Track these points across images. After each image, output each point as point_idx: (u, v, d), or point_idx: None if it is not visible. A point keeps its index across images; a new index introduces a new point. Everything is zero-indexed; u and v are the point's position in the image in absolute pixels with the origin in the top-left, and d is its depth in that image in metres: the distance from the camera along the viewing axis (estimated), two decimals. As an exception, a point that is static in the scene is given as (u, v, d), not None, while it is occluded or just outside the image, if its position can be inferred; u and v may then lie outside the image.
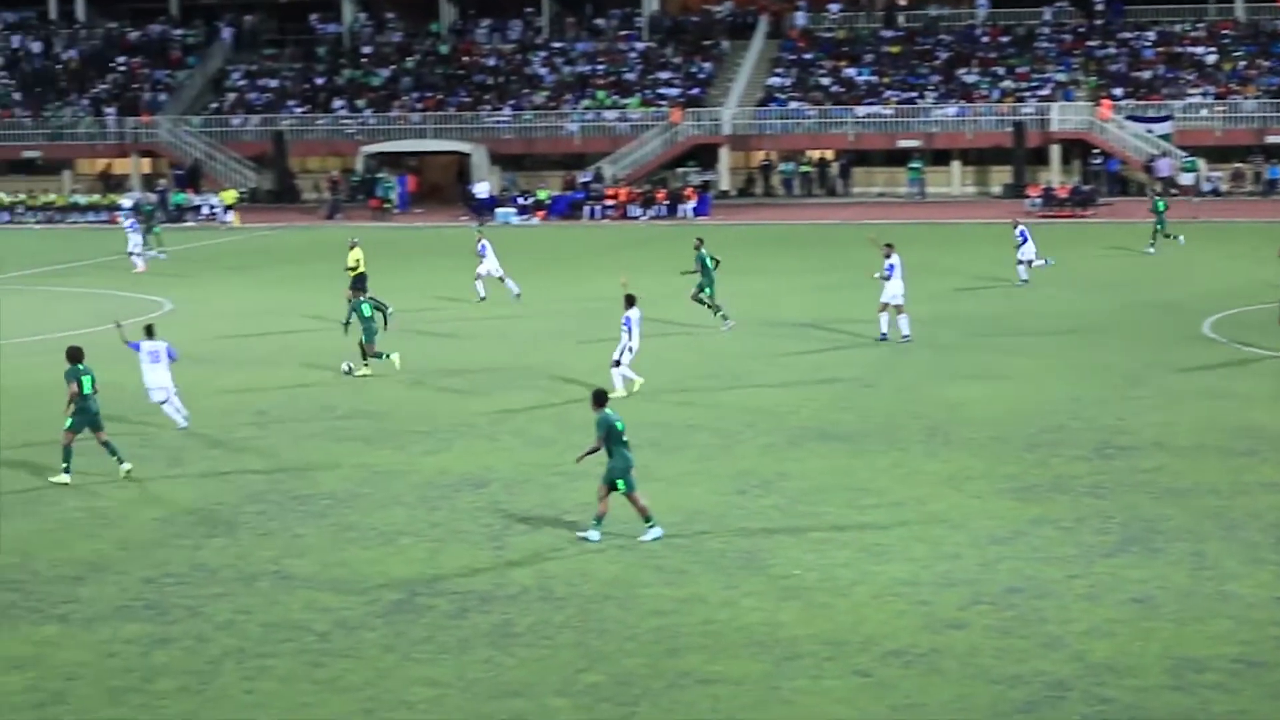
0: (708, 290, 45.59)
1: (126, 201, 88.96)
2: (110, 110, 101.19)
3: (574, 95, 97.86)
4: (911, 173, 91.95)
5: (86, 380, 29.14)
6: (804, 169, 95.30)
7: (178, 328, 47.48)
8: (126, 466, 29.59)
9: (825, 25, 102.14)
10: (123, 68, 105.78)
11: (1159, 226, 63.21)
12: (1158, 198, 67.11)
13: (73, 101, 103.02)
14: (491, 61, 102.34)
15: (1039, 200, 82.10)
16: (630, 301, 36.53)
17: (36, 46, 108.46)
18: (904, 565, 23.65)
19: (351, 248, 50.88)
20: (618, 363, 36.55)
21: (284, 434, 33.32)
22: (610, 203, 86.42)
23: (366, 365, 39.97)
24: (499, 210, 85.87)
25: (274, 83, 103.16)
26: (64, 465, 29.27)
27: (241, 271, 62.93)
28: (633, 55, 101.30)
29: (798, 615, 21.64)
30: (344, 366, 39.93)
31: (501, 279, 52.21)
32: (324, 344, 43.88)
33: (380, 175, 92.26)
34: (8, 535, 25.97)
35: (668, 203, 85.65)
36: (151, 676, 19.85)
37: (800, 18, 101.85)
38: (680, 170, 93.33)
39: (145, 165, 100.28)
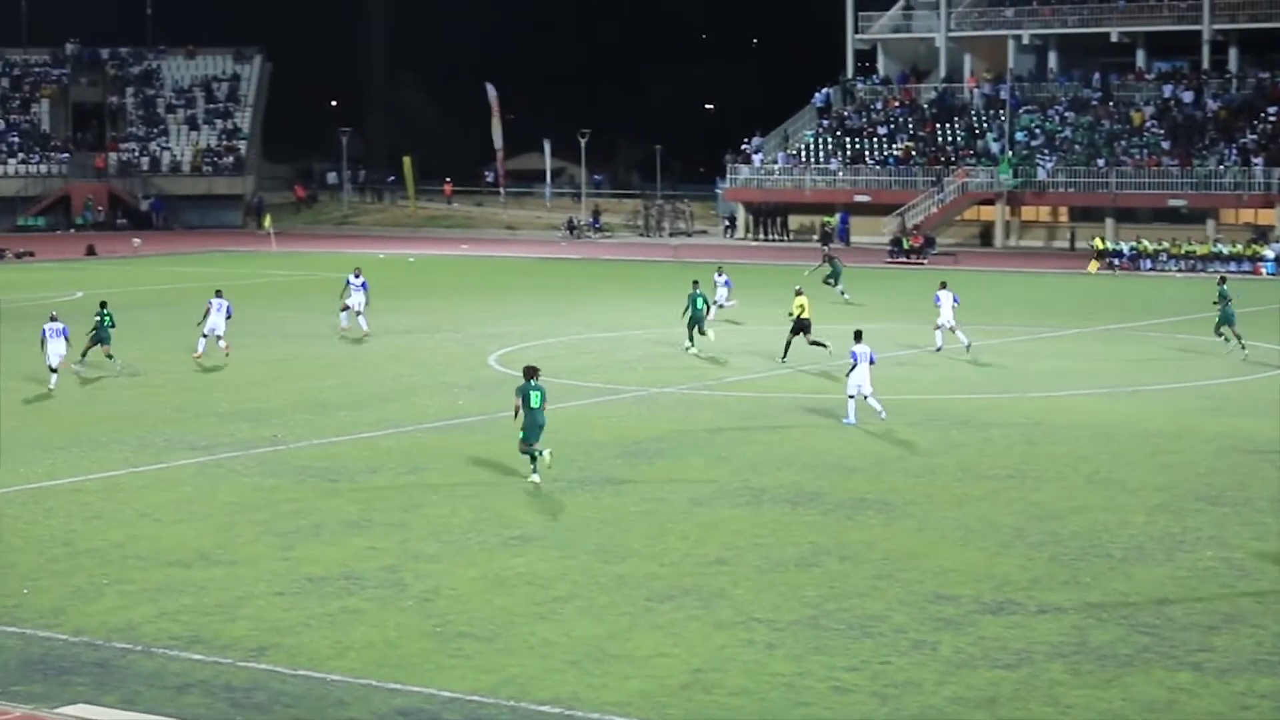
0: (1227, 324, 51.50)
1: (1269, 252, 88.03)
2: (1258, 160, 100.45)
3: None
4: None
5: (535, 395, 32.71)
6: None
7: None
8: (548, 455, 32.76)
9: None
10: (1272, 118, 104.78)
11: None
12: None
13: (1220, 151, 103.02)
14: None
15: None
16: None
17: (1187, 96, 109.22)
18: None
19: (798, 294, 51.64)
20: None
21: None
22: None
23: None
24: None
25: None
26: (533, 468, 33.01)
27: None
28: None
29: None
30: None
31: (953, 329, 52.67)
32: None
33: None
34: (1145, 580, 26.17)
35: None
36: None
37: None
38: None
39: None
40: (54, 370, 45.71)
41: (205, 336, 51.71)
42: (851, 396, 39.95)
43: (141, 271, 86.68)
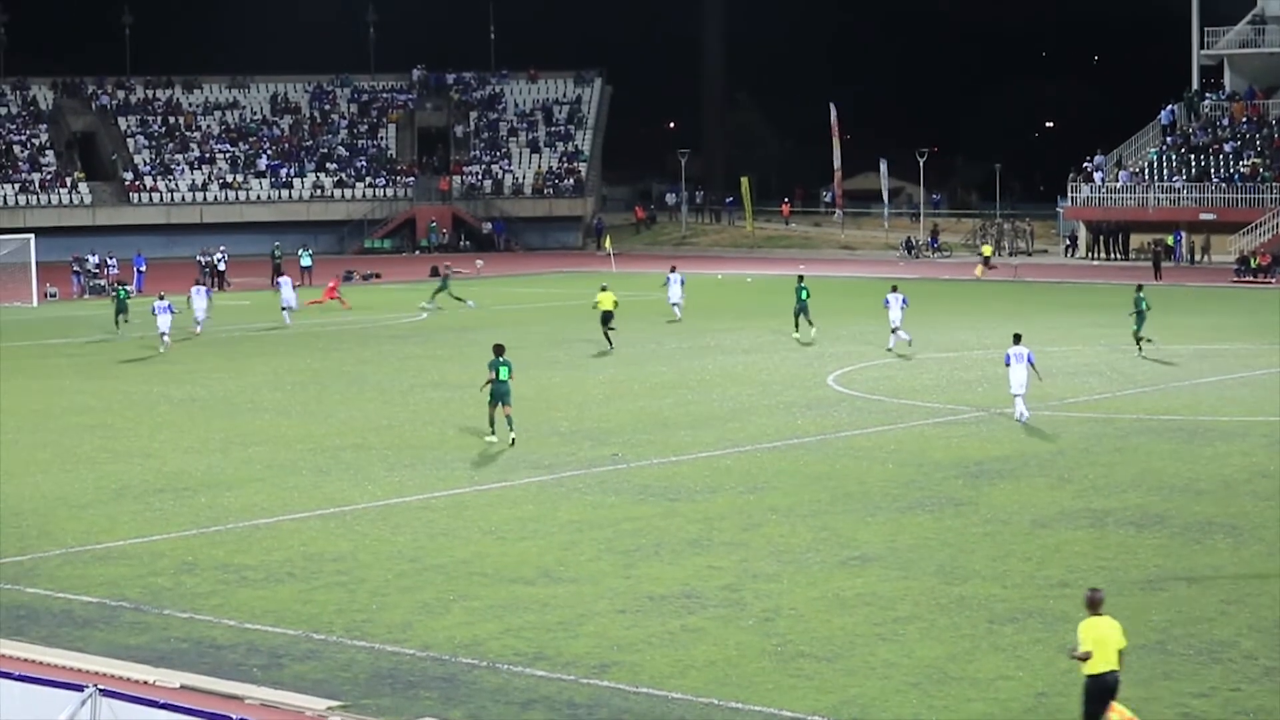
0: (1137, 328, 55.12)
1: None
2: None
3: None
4: None
5: (503, 369, 40.02)
6: None
7: None
8: (512, 436, 40.18)
9: None
10: None
11: None
12: None
13: None
14: None
15: None
16: None
17: None
18: None
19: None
20: None
21: None
22: None
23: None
24: None
25: None
26: (491, 430, 40.84)
27: None
28: None
29: None
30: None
31: None
32: None
33: None
34: None
35: None
36: None
37: None
38: None
39: None
40: (164, 336, 60.46)
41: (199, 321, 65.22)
42: (1017, 395, 42.58)
43: (484, 292, 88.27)
